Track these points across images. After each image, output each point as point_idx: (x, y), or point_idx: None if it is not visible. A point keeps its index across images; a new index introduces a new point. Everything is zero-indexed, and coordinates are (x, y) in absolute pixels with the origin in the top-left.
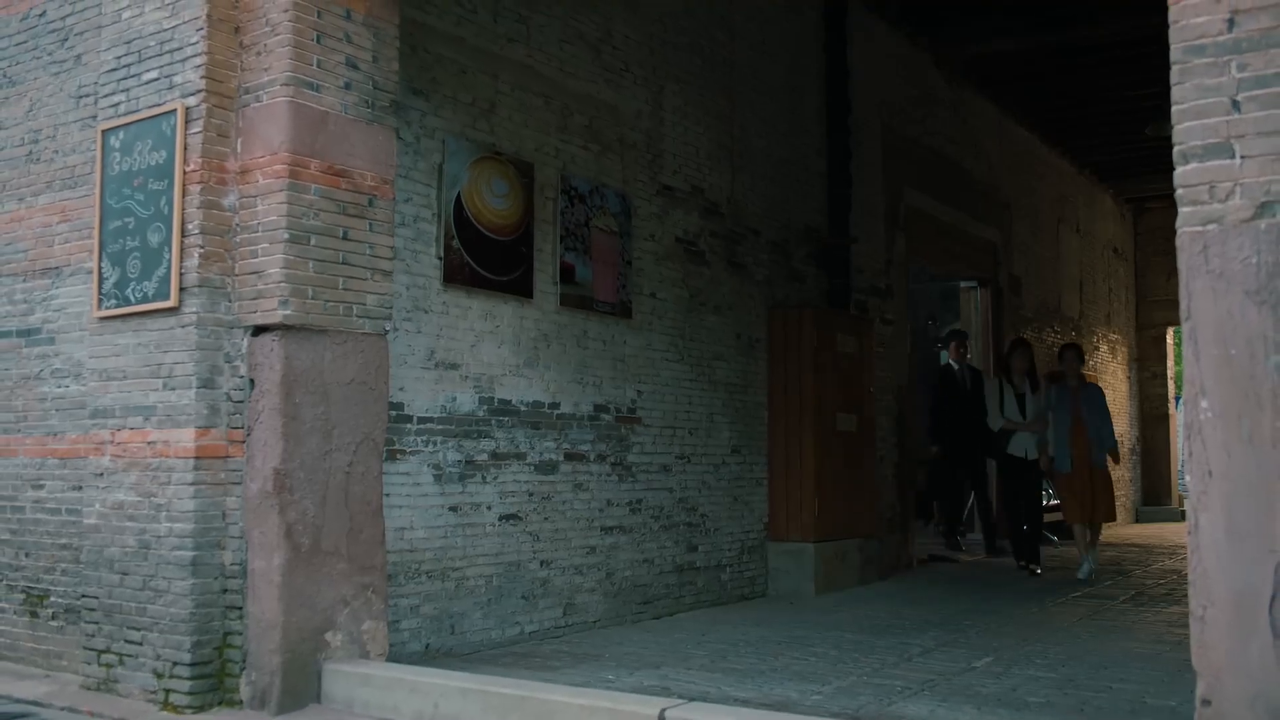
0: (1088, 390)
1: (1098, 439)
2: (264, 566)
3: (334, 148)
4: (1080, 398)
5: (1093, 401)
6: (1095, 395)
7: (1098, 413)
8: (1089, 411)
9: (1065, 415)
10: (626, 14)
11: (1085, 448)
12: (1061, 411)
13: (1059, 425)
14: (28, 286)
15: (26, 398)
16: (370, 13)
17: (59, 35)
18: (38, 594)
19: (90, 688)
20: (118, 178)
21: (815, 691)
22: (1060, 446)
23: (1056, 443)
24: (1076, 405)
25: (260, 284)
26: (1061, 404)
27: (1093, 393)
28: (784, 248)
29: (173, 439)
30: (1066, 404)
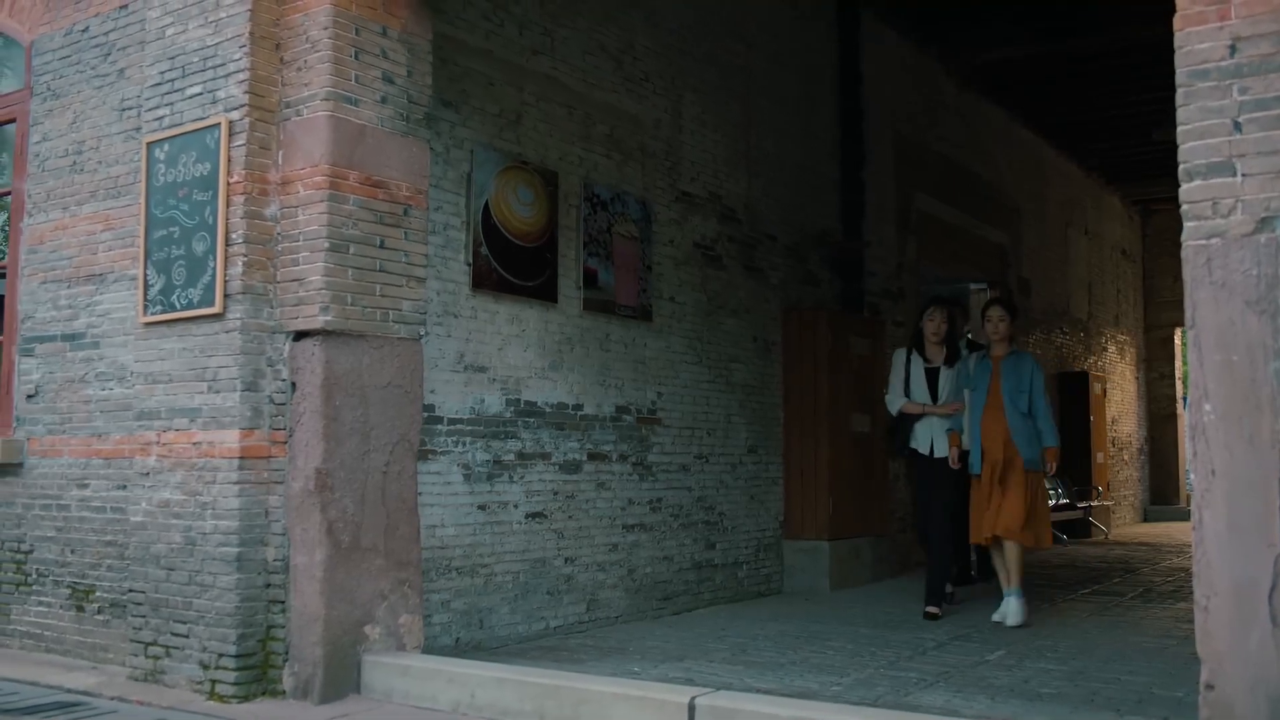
0: (1016, 362)
1: (1022, 431)
2: (306, 562)
3: (371, 160)
4: (1003, 372)
5: (1019, 378)
6: (1025, 369)
7: (1025, 394)
8: (1013, 391)
9: (981, 397)
10: (646, 26)
11: (1003, 441)
12: (978, 392)
13: (971, 411)
14: (72, 293)
15: (71, 400)
16: (405, 29)
17: (102, 50)
18: (84, 589)
19: (138, 678)
20: (162, 188)
21: (834, 683)
22: (972, 440)
23: (970, 434)
24: (996, 383)
25: (301, 291)
26: (979, 381)
27: (1022, 366)
28: (799, 252)
29: (218, 440)
30: (985, 381)
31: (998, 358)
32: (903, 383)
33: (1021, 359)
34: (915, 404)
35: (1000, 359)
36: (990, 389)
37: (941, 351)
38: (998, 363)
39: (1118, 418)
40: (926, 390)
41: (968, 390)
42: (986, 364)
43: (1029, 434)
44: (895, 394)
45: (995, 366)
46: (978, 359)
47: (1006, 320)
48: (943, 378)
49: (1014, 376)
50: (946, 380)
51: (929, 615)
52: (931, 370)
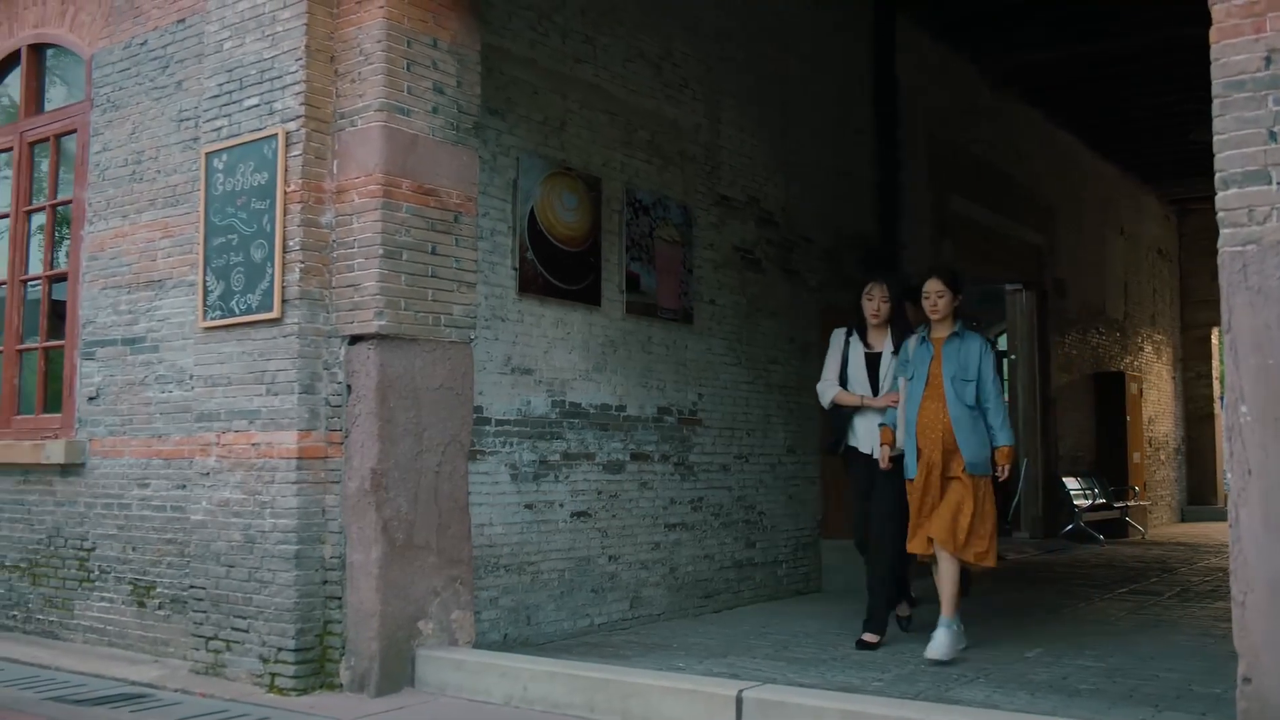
0: (961, 344)
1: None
2: (362, 559)
3: (423, 168)
4: (944, 357)
5: (964, 362)
6: (971, 353)
7: (971, 383)
8: (956, 379)
9: (918, 386)
10: (685, 34)
11: (942, 438)
12: (915, 381)
13: (908, 403)
14: (132, 298)
15: (132, 402)
16: (455, 40)
17: (160, 63)
18: (145, 585)
19: (199, 671)
20: (221, 197)
21: (876, 679)
22: (907, 437)
23: (905, 430)
24: (938, 369)
25: (357, 296)
26: (918, 367)
27: (968, 349)
28: (835, 255)
29: (276, 441)
30: (924, 367)
31: (939, 340)
32: (838, 370)
33: (968, 340)
34: (851, 395)
35: (942, 341)
36: (930, 376)
37: (885, 335)
38: (939, 345)
39: (1154, 417)
40: (866, 379)
41: (903, 379)
42: (927, 347)
43: (975, 431)
44: (828, 382)
45: (936, 350)
46: (918, 341)
47: (947, 295)
48: (885, 365)
49: (957, 361)
50: (891, 368)
51: (863, 644)
52: (873, 356)
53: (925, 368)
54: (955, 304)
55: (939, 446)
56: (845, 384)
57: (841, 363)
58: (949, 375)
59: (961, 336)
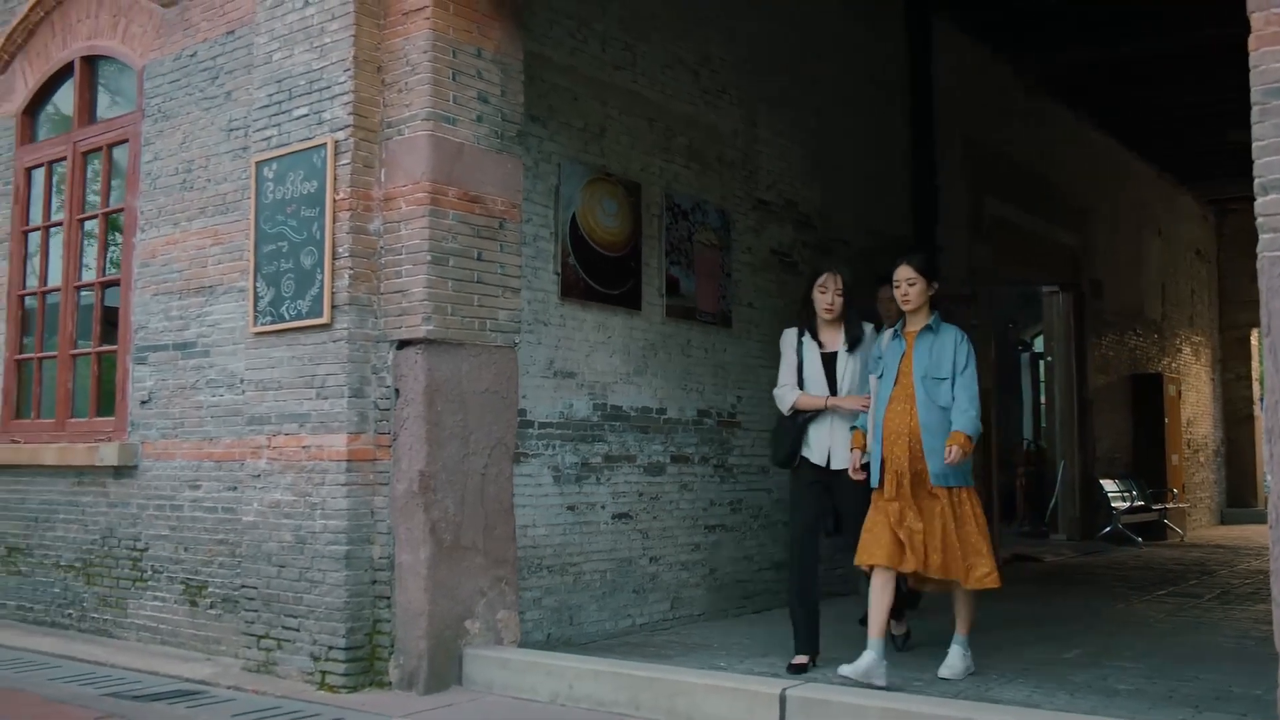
0: (935, 339)
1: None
2: (411, 560)
3: (469, 176)
4: (916, 353)
5: (938, 358)
6: (945, 347)
7: (946, 381)
8: (929, 378)
9: (887, 386)
10: (722, 40)
11: (909, 445)
12: (885, 379)
13: (876, 404)
14: (183, 304)
15: (183, 406)
16: (499, 50)
17: (210, 74)
18: (196, 585)
19: (251, 669)
20: (271, 205)
21: (916, 679)
22: (874, 442)
23: (872, 435)
24: (909, 366)
25: (404, 302)
26: (888, 364)
27: (942, 344)
28: (872, 257)
29: (326, 443)
30: (895, 365)
31: (911, 334)
32: (795, 372)
33: (943, 334)
34: (815, 397)
35: (915, 335)
36: (899, 375)
37: (839, 332)
38: (911, 340)
39: (1193, 419)
40: (824, 381)
41: (873, 377)
42: (900, 342)
43: (945, 437)
44: (787, 386)
45: (908, 345)
46: (891, 335)
47: (919, 284)
48: (843, 365)
49: (930, 357)
50: (849, 368)
51: (794, 667)
52: (829, 356)
53: (896, 365)
54: (930, 293)
55: (906, 453)
56: (802, 384)
57: (797, 363)
58: (919, 374)
59: (936, 330)
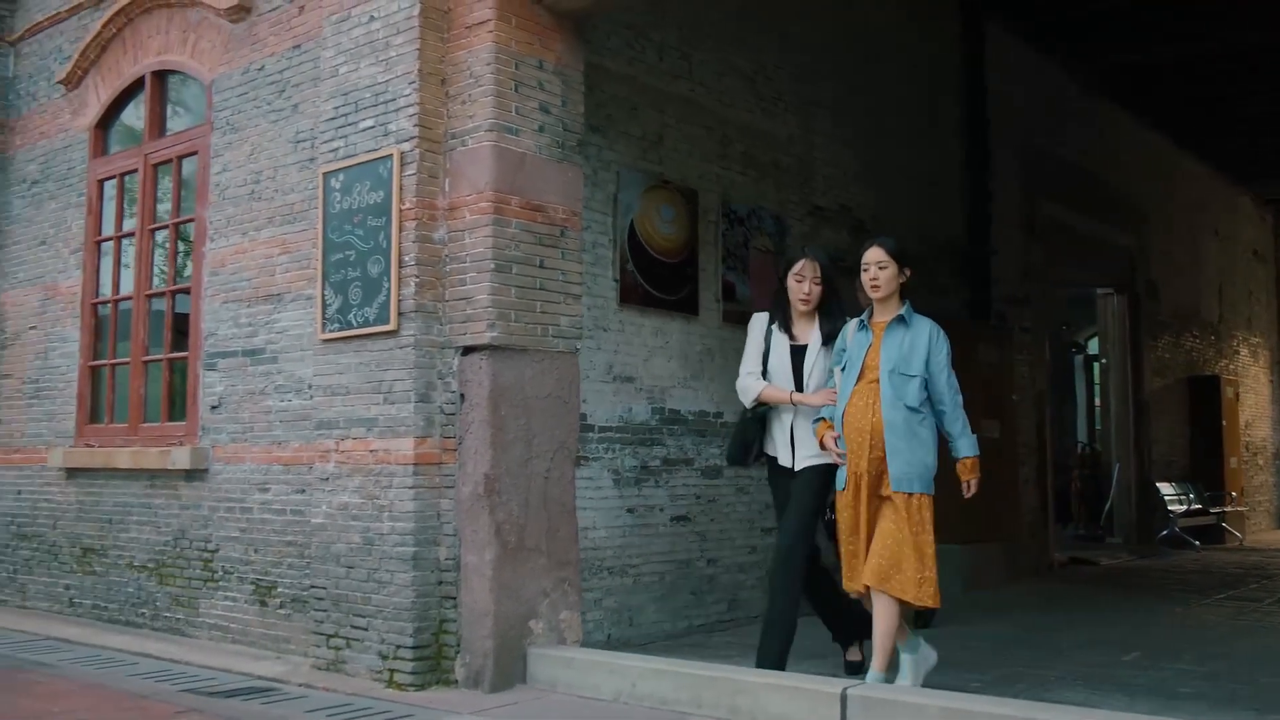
0: (906, 332)
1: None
2: (476, 561)
3: (531, 185)
4: (884, 345)
5: (907, 353)
6: (917, 341)
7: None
8: (896, 373)
9: (850, 379)
10: (777, 47)
11: (870, 445)
12: (849, 372)
13: (840, 396)
14: (252, 311)
15: (252, 410)
16: (560, 61)
17: (277, 87)
18: (266, 585)
19: (320, 667)
20: (338, 215)
21: (975, 680)
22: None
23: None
24: (875, 360)
25: (469, 309)
26: (853, 356)
27: (914, 336)
28: (926, 261)
29: (393, 447)
30: (860, 357)
31: (880, 325)
32: (760, 362)
33: (915, 326)
34: (778, 389)
35: (884, 326)
36: (864, 368)
37: (813, 325)
38: (879, 331)
39: (1251, 421)
40: (790, 376)
41: (836, 369)
42: (867, 333)
43: (912, 438)
44: (751, 376)
45: (876, 336)
46: (857, 325)
47: (891, 268)
48: (811, 361)
49: (899, 351)
50: (818, 364)
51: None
52: (798, 349)
53: (861, 357)
54: (902, 280)
55: (866, 453)
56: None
57: (763, 355)
58: (886, 368)
59: (908, 322)
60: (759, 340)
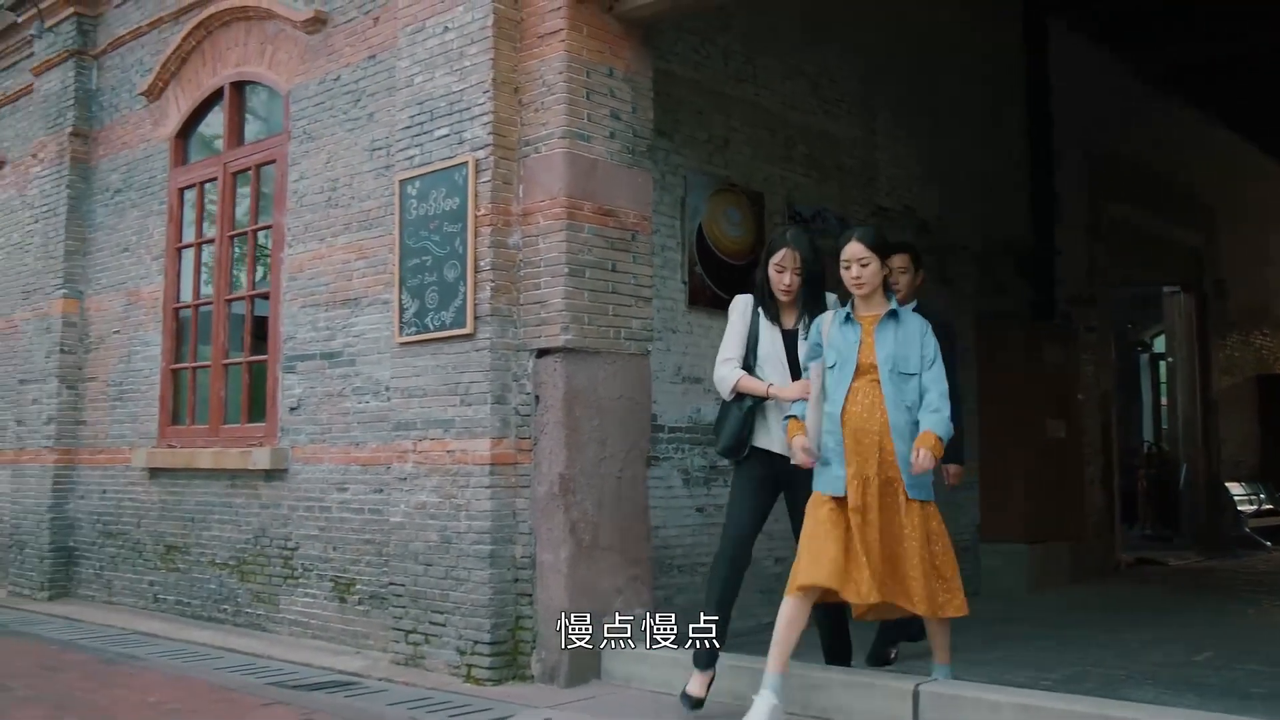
0: (898, 328)
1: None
2: (552, 559)
3: (602, 191)
4: (877, 341)
5: (904, 352)
6: (911, 338)
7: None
8: (895, 372)
9: (844, 378)
10: (841, 50)
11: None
12: (841, 371)
13: (833, 399)
14: (329, 315)
15: (330, 412)
16: (629, 69)
17: (353, 96)
18: (345, 582)
19: (399, 662)
20: (415, 221)
21: (1044, 678)
22: (828, 441)
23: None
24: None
25: (543, 312)
26: (845, 353)
27: (907, 333)
28: (990, 261)
29: (470, 448)
30: (851, 354)
31: (870, 319)
32: (742, 348)
33: (907, 322)
34: (755, 381)
35: (876, 321)
36: (860, 366)
37: (795, 314)
38: (870, 326)
39: None
40: (784, 363)
41: (815, 364)
42: (854, 327)
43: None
44: (729, 364)
45: (866, 331)
46: (841, 320)
47: (873, 263)
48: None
49: (895, 348)
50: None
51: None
52: (790, 334)
53: (854, 354)
54: (884, 274)
55: (874, 457)
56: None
57: (748, 341)
58: (886, 367)
59: (899, 318)
60: (741, 325)
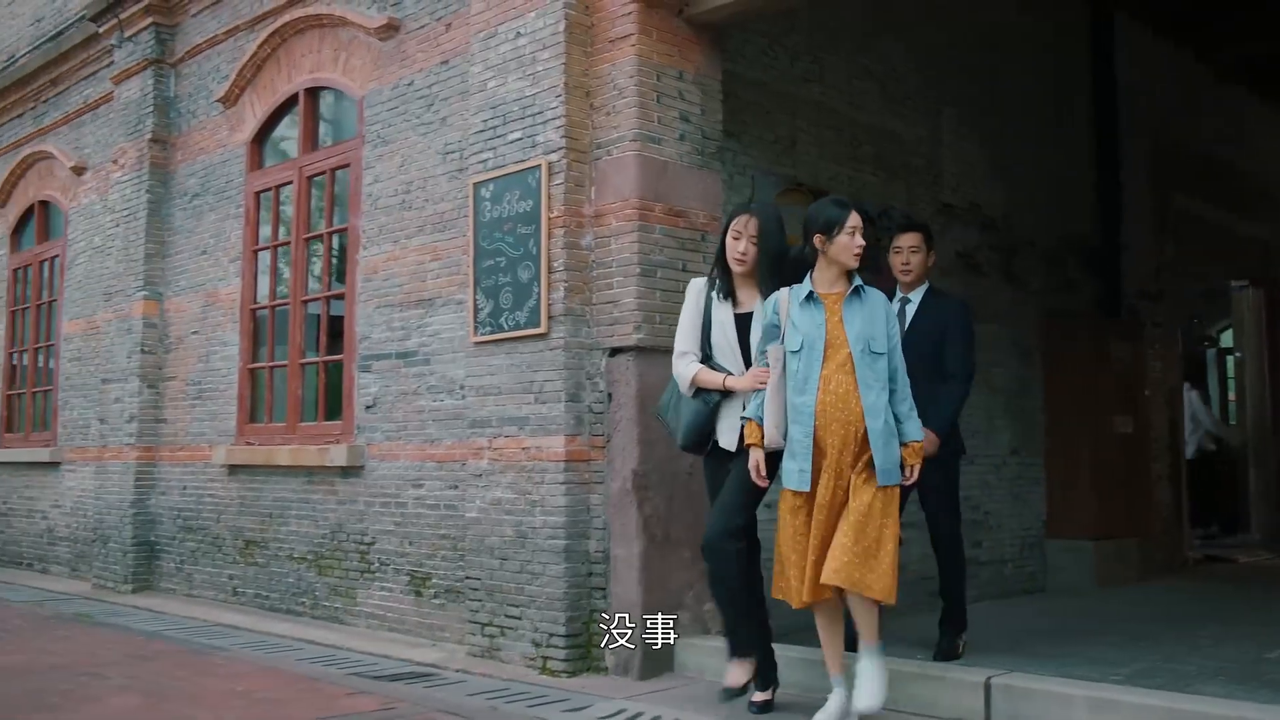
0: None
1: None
2: (625, 554)
3: (673, 192)
4: (846, 320)
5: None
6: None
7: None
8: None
9: (813, 360)
10: (905, 49)
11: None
12: (809, 354)
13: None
14: (404, 315)
15: (405, 410)
16: (698, 71)
17: (426, 101)
18: (421, 576)
19: (476, 654)
20: (489, 223)
21: (1113, 674)
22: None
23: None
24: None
25: (616, 312)
26: (811, 334)
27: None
28: (1056, 257)
29: (544, 445)
30: (819, 335)
31: (834, 296)
32: (698, 336)
33: (870, 298)
34: (712, 374)
35: (841, 298)
36: (829, 345)
37: (754, 290)
38: (835, 304)
39: None
40: (736, 349)
41: (775, 346)
42: (817, 306)
43: (887, 425)
44: (686, 358)
45: (833, 309)
46: (802, 298)
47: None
48: (758, 329)
49: (865, 326)
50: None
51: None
52: (743, 318)
53: (821, 334)
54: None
55: (851, 444)
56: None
57: (703, 327)
58: (858, 347)
59: (862, 295)
60: (695, 311)
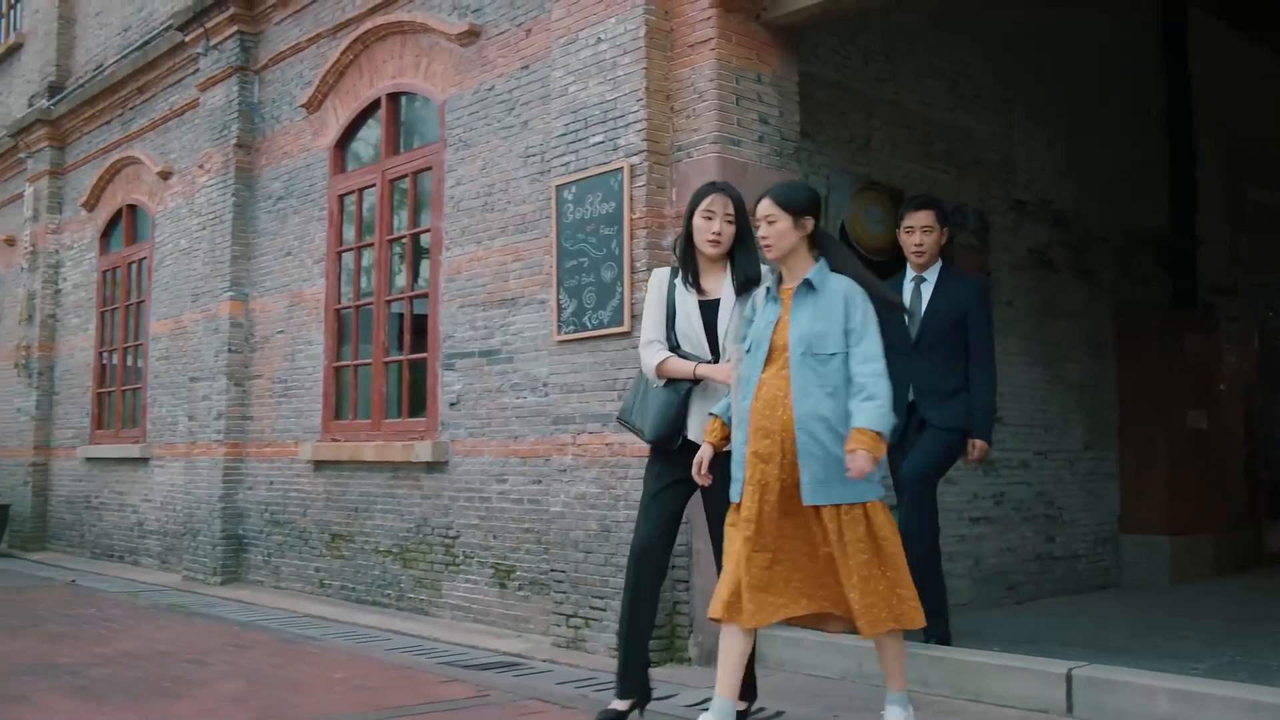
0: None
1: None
2: (706, 547)
3: (753, 193)
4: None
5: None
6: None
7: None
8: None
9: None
10: (976, 46)
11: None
12: (754, 354)
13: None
14: (487, 315)
15: (489, 407)
16: (775, 74)
17: (506, 105)
18: (505, 569)
19: (560, 645)
20: (571, 225)
21: (1192, 668)
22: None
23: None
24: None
25: None
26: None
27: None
28: (1129, 252)
29: (628, 441)
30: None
31: (788, 292)
32: (664, 324)
33: (828, 289)
34: (681, 362)
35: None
36: (773, 349)
37: (724, 275)
38: (789, 301)
39: None
40: (702, 339)
41: (735, 346)
42: (775, 304)
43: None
44: (653, 347)
45: (785, 305)
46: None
47: (782, 221)
48: (726, 317)
49: (811, 324)
50: (734, 321)
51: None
52: (708, 305)
53: (768, 335)
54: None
55: (777, 455)
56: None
57: (668, 315)
58: (798, 348)
59: (818, 286)
60: (659, 300)
